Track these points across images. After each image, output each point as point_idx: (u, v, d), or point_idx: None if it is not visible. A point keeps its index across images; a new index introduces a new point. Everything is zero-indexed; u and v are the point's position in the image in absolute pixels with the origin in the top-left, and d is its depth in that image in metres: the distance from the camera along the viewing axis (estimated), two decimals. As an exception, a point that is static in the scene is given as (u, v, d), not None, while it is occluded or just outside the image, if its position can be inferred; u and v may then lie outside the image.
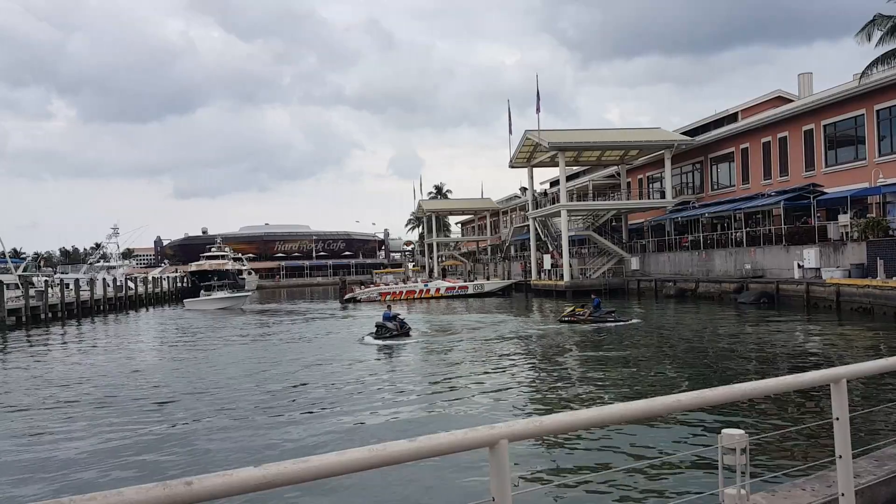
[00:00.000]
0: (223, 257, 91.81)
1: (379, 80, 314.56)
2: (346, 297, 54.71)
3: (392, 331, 26.25)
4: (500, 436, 1.90)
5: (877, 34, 28.99)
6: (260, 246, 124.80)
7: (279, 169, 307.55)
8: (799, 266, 33.61)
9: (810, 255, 33.03)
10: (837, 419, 2.57)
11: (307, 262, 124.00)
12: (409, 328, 27.38)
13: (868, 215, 33.30)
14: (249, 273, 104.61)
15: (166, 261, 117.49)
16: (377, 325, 27.12)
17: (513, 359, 20.48)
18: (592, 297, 31.40)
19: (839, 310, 28.45)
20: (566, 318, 29.17)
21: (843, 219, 33.05)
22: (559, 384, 16.26)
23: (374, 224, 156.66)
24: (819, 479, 4.36)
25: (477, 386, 16.02)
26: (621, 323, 27.86)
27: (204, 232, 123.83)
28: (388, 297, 53.60)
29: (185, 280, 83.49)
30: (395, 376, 18.03)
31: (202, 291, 60.99)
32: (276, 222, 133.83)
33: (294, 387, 16.98)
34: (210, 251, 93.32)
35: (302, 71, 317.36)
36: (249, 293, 63.54)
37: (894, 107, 33.56)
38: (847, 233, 32.50)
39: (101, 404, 15.73)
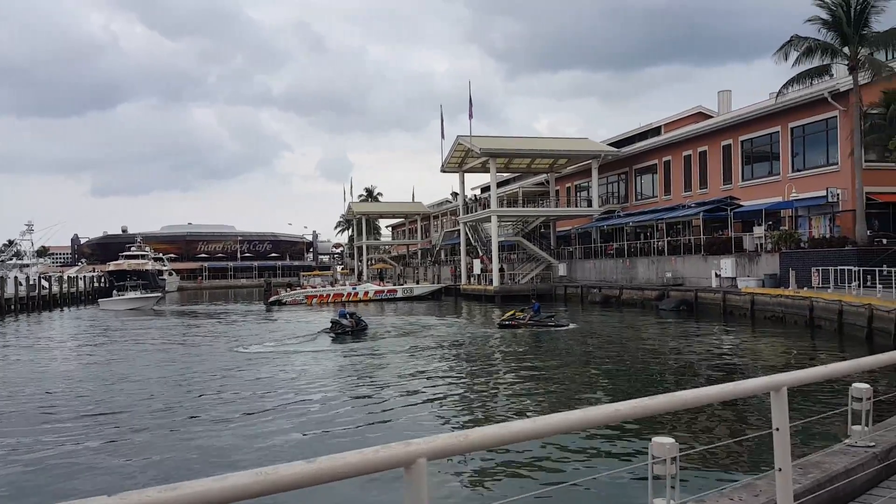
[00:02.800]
0: (143, 257, 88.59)
1: (308, 82, 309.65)
2: (271, 299, 53.33)
3: (346, 327, 26.97)
4: (418, 454, 1.62)
5: (793, 54, 30.29)
6: (182, 246, 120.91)
7: (205, 168, 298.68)
8: (716, 275, 34.77)
9: (727, 265, 34.21)
10: (777, 430, 2.43)
11: (231, 264, 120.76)
12: (366, 325, 28.42)
13: (781, 228, 34.76)
14: (171, 273, 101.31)
15: (83, 260, 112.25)
16: (332, 322, 27.79)
17: (447, 366, 20.12)
18: (532, 301, 31.65)
19: (753, 318, 29.53)
20: (506, 322, 29.27)
21: (758, 231, 34.41)
22: (494, 393, 16.06)
23: (305, 227, 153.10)
24: (746, 488, 4.28)
25: (406, 396, 15.39)
26: (560, 328, 28.07)
27: (124, 231, 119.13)
28: (314, 300, 52.61)
29: (103, 280, 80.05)
30: (315, 385, 17.13)
31: (114, 292, 60.83)
32: (201, 222, 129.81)
33: (201, 397, 16.04)
34: (129, 250, 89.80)
35: (229, 70, 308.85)
36: (160, 294, 63.05)
37: (808, 125, 35.19)
38: (762, 244, 33.83)
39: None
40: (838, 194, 31.73)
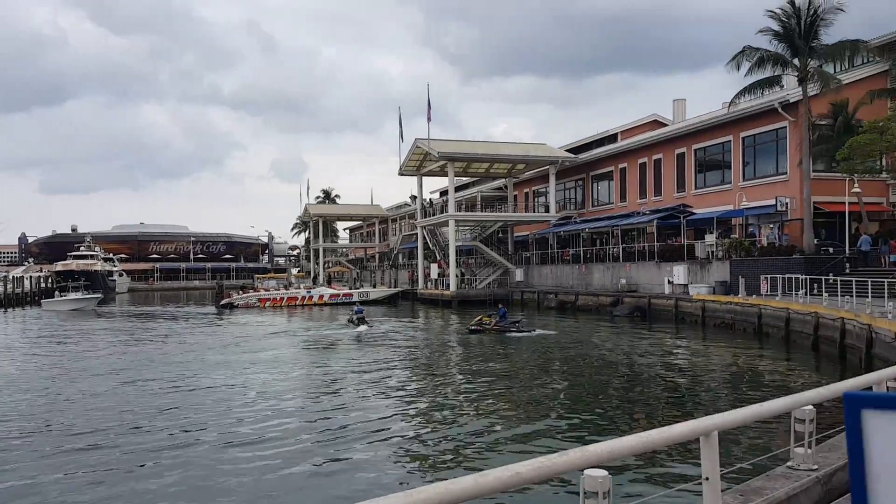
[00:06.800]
0: (92, 257, 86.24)
1: (260, 81, 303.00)
2: (223, 302, 52.10)
3: (359, 321, 32.84)
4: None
5: (745, 65, 30.77)
6: (133, 246, 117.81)
7: (155, 167, 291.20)
8: (669, 282, 35.13)
9: (679, 272, 34.60)
10: (707, 479, 2.17)
11: (184, 265, 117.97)
12: (368, 323, 33.49)
13: (732, 236, 35.32)
14: (121, 274, 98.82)
15: (31, 259, 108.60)
16: (355, 317, 33.70)
17: (410, 376, 19.66)
18: (499, 306, 31.57)
19: (704, 324, 29.86)
20: (473, 327, 29.30)
21: (710, 238, 34.90)
22: (443, 409, 15.78)
23: (265, 231, 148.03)
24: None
25: (363, 415, 15.04)
26: (524, 334, 27.89)
27: (73, 230, 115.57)
28: (267, 304, 51.63)
29: (50, 280, 77.70)
30: (274, 399, 16.68)
31: (57, 293, 60.58)
32: (152, 222, 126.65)
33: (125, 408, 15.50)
34: (78, 250, 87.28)
35: (179, 68, 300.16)
36: (101, 295, 62.17)
37: (758, 135, 35.85)
38: (713, 252, 34.30)
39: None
40: (787, 203, 32.35)
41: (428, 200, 61.89)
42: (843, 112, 30.82)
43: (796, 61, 30.34)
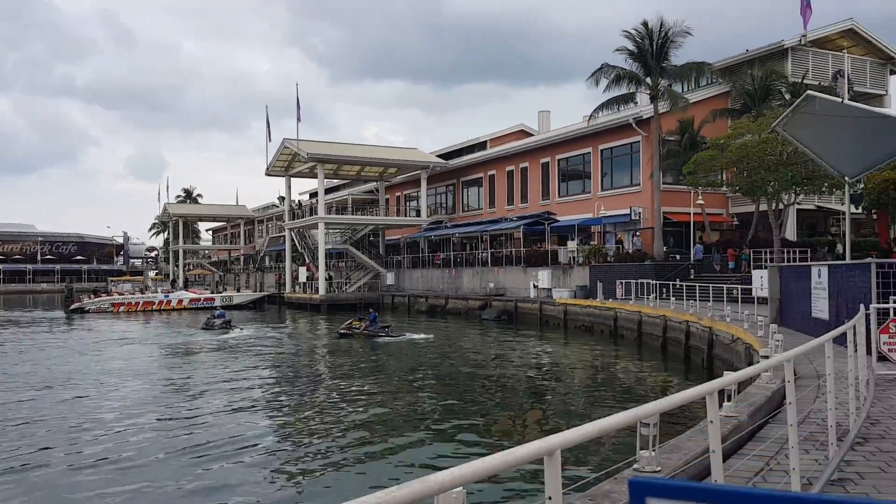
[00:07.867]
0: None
1: (117, 74, 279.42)
2: (73, 307, 48.32)
3: (221, 324, 32.91)
4: None
5: (603, 81, 32.59)
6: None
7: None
8: (534, 286, 36.45)
9: (544, 277, 36.00)
10: (550, 499, 2.21)
11: (30, 266, 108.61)
12: (230, 326, 33.16)
13: (591, 243, 37.22)
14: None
15: None
16: (216, 319, 33.89)
17: (270, 385, 19.14)
18: (370, 311, 31.34)
19: (566, 327, 31.20)
20: (343, 331, 28.88)
21: (571, 245, 36.59)
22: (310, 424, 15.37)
23: (123, 231, 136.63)
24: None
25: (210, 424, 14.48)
26: (392, 339, 27.72)
27: None
28: (122, 309, 48.45)
29: None
30: (104, 413, 15.66)
31: None
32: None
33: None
34: None
35: (26, 57, 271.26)
36: None
37: (615, 147, 38.03)
38: (574, 258, 35.98)
39: None
40: (640, 213, 34.53)
41: (297, 202, 60.61)
42: (689, 129, 33.36)
43: (649, 80, 32.49)
